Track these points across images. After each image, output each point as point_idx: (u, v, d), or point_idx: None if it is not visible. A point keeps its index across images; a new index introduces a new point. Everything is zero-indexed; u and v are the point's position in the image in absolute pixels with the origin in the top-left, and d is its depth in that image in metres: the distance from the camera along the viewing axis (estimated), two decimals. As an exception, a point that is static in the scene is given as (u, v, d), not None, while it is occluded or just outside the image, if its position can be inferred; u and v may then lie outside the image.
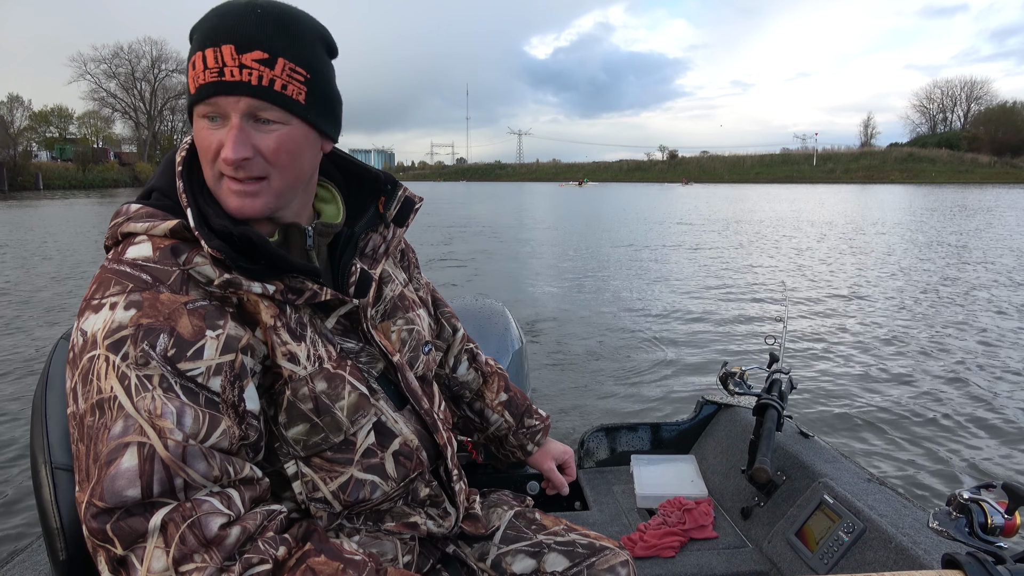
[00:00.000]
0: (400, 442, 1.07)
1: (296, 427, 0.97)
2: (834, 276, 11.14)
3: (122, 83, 78.20)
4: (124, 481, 0.79)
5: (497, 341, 2.25)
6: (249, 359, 0.92)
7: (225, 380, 0.87)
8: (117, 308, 0.85)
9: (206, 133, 0.91)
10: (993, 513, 1.16)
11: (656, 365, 5.87)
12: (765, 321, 7.56)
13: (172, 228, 0.91)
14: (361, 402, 1.01)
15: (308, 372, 0.96)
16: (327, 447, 0.99)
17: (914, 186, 76.60)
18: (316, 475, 1.00)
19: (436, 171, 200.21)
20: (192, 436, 0.83)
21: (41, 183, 64.39)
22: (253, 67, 0.87)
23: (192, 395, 0.84)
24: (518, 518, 1.29)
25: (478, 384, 1.47)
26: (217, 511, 0.82)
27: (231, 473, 0.86)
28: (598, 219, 27.18)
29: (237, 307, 0.93)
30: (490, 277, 11.19)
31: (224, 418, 0.87)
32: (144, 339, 0.83)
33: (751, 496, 2.01)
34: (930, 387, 5.31)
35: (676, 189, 78.70)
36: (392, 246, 1.15)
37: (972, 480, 3.72)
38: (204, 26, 0.88)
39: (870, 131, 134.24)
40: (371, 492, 1.04)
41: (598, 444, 2.39)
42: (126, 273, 0.88)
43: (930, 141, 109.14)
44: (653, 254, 14.45)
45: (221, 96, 0.87)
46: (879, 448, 4.18)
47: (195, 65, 0.88)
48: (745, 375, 2.16)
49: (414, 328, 1.17)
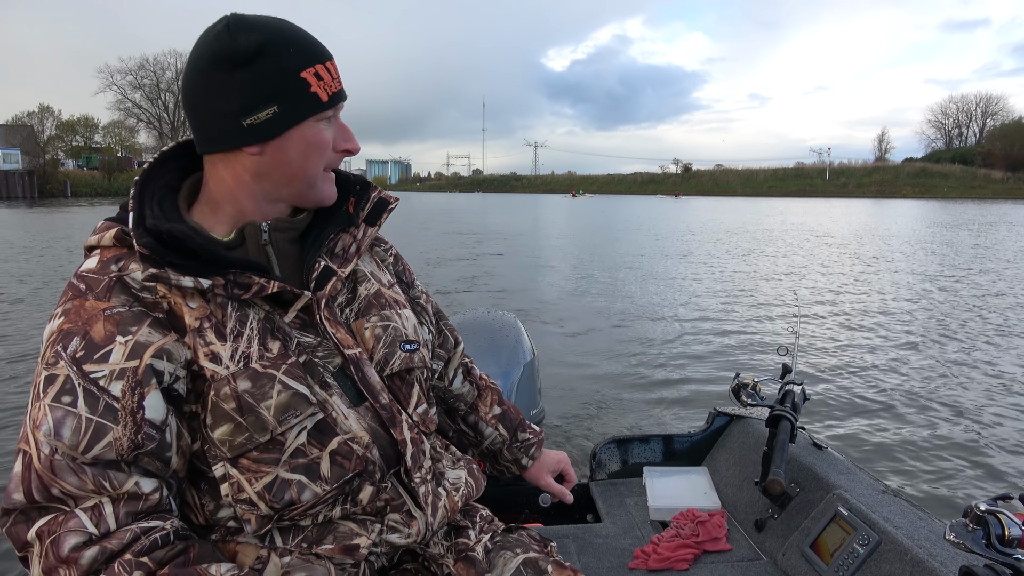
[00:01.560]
0: (341, 440, 1.03)
1: (220, 427, 0.97)
2: (847, 286, 11.09)
3: (147, 94, 79.51)
4: (13, 484, 0.88)
5: (509, 353, 2.23)
6: (165, 363, 0.93)
7: (126, 385, 0.89)
8: (55, 317, 0.93)
9: (324, 132, 1.02)
10: (1011, 525, 1.14)
11: (668, 376, 5.84)
12: (777, 332, 7.50)
13: (114, 235, 0.97)
14: (293, 401, 0.99)
15: (230, 372, 0.97)
16: (252, 447, 0.98)
17: (925, 201, 76.02)
18: (242, 476, 0.98)
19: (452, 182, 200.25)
20: (70, 448, 0.86)
21: (69, 190, 66.81)
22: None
23: (91, 399, 0.87)
24: (526, 566, 1.21)
25: (472, 397, 1.47)
26: (78, 529, 0.86)
27: (108, 488, 0.88)
28: (598, 230, 27.28)
29: (167, 313, 0.95)
30: (501, 286, 11.20)
31: (115, 428, 0.88)
32: (59, 342, 0.89)
33: (765, 508, 1.98)
34: (945, 398, 5.24)
35: (668, 201, 79.61)
36: (363, 245, 1.16)
37: (989, 492, 3.65)
38: (294, 45, 0.98)
39: (884, 146, 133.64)
40: (298, 493, 1.00)
41: (610, 456, 2.36)
42: (72, 284, 0.95)
43: (944, 156, 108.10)
44: (661, 265, 14.45)
45: (343, 100, 1.04)
46: (894, 459, 4.13)
47: (319, 76, 0.99)
48: (757, 386, 2.13)
49: (390, 325, 1.16)
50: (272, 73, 0.96)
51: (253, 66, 0.95)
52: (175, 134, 79.06)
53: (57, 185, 67.03)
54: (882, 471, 3.94)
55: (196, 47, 0.98)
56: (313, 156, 1.03)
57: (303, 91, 0.98)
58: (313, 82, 0.98)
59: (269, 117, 0.97)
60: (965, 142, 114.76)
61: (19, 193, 62.40)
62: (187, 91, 1.00)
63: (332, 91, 1.01)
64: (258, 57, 0.95)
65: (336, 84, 1.02)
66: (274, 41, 0.96)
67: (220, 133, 0.99)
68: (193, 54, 0.98)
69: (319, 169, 1.05)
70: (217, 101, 0.97)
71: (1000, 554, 1.13)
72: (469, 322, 2.43)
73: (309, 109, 0.99)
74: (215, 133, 0.99)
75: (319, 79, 0.99)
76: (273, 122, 0.97)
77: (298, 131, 0.99)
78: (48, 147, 73.42)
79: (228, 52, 0.94)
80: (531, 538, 1.31)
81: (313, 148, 1.02)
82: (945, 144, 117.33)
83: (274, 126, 0.98)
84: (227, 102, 0.96)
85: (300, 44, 0.99)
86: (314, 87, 0.99)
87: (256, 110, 0.96)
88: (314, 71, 0.99)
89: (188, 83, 0.99)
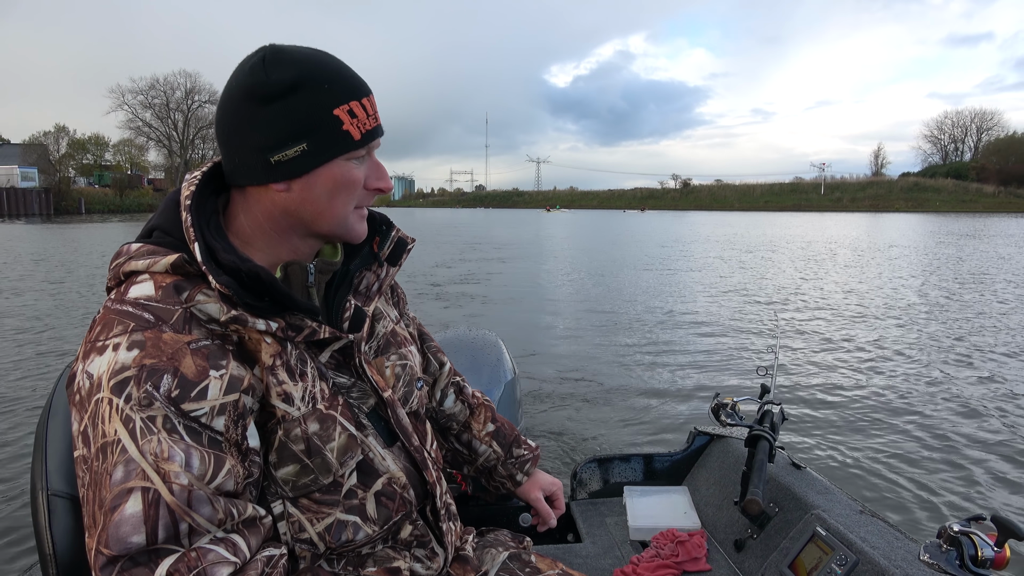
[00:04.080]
0: (384, 481, 1.04)
1: (286, 467, 0.94)
2: (826, 306, 10.98)
3: (157, 113, 79.63)
4: (128, 527, 0.77)
5: (490, 372, 2.21)
6: (249, 398, 0.90)
7: (229, 419, 0.86)
8: (120, 349, 0.84)
9: (355, 171, 0.98)
10: (983, 546, 1.15)
11: (648, 395, 5.77)
12: (757, 352, 7.42)
13: (173, 263, 0.89)
14: (350, 443, 0.99)
15: (301, 413, 0.95)
16: (316, 488, 0.97)
17: (917, 215, 76.28)
18: (303, 516, 0.97)
19: (455, 198, 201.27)
20: (199, 478, 0.81)
21: (83, 207, 68.29)
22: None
23: (196, 435, 0.82)
24: (512, 560, 1.25)
25: (465, 416, 1.45)
26: (223, 560, 0.80)
27: (235, 515, 0.84)
28: (573, 243, 27.50)
29: (237, 345, 0.91)
30: (481, 306, 11.07)
31: (228, 457, 0.85)
32: (148, 380, 0.82)
33: (744, 528, 1.95)
34: (921, 419, 5.19)
35: (637, 216, 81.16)
36: (385, 284, 1.14)
37: (962, 513, 3.62)
38: (329, 81, 0.93)
39: (880, 160, 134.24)
40: (354, 533, 1.01)
41: (591, 475, 2.32)
42: (128, 312, 0.87)
43: (939, 171, 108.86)
44: (644, 281, 14.34)
45: (378, 137, 0.99)
46: (872, 479, 4.09)
47: (353, 114, 0.94)
48: (737, 406, 2.10)
49: (407, 363, 1.15)
50: (303, 110, 0.92)
51: (284, 102, 0.91)
52: (184, 152, 79.60)
53: (72, 202, 68.13)
54: (860, 491, 3.90)
55: (232, 78, 0.95)
56: (341, 195, 0.98)
57: (334, 129, 0.94)
58: (346, 119, 0.94)
59: (297, 155, 0.93)
60: (961, 157, 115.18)
61: (36, 210, 64.05)
62: (219, 121, 0.96)
63: (366, 129, 0.97)
64: (290, 93, 0.91)
65: (371, 121, 0.97)
66: (308, 77, 0.92)
67: (248, 168, 0.95)
68: (228, 84, 0.95)
69: (349, 208, 1.00)
70: (246, 135, 0.93)
71: (973, 575, 1.13)
72: (451, 340, 2.40)
73: (339, 148, 0.95)
74: (243, 167, 0.95)
75: (352, 116, 0.95)
76: (301, 160, 0.93)
77: (327, 170, 0.95)
78: (60, 165, 74.34)
79: (261, 86, 0.91)
80: (506, 537, 1.34)
81: (341, 187, 0.97)
82: (941, 159, 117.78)
83: (302, 164, 0.93)
84: (256, 137, 0.92)
85: (336, 80, 0.94)
86: (346, 125, 0.94)
87: (284, 147, 0.92)
88: (348, 108, 0.94)
89: (221, 113, 0.96)
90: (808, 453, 4.45)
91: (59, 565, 0.97)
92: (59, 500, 1.00)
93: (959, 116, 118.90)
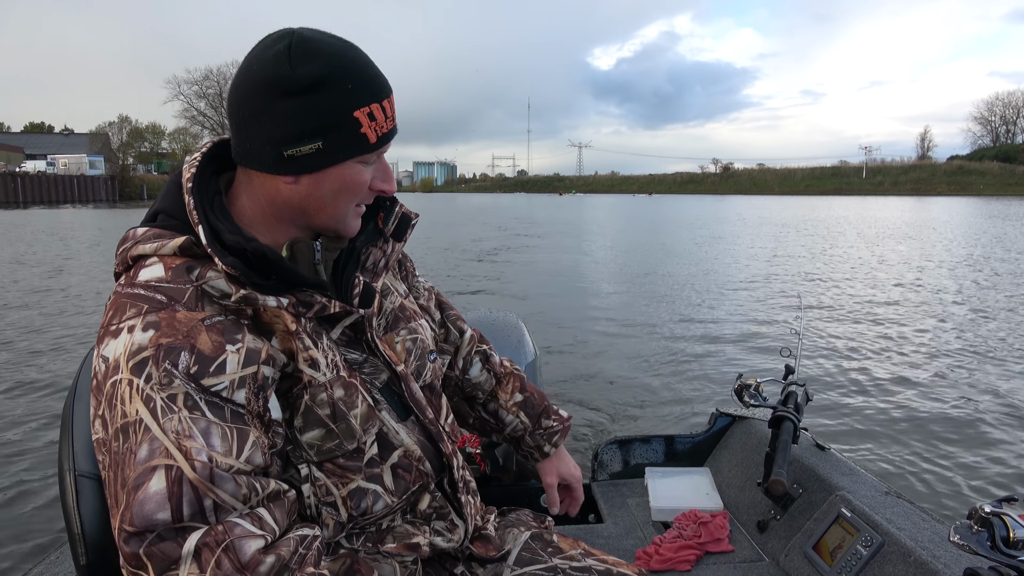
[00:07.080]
0: (400, 454, 1.02)
1: (311, 432, 0.93)
2: (852, 286, 10.70)
3: (211, 102, 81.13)
4: (153, 504, 0.76)
5: (511, 353, 2.18)
6: (269, 369, 0.88)
7: (249, 392, 0.84)
8: (135, 331, 0.82)
9: (364, 173, 0.96)
10: (1016, 527, 1.11)
11: (670, 377, 5.67)
12: (781, 333, 7.23)
13: (181, 245, 0.88)
14: (370, 413, 0.98)
15: (328, 378, 0.93)
16: (340, 454, 0.95)
17: (959, 198, 73.75)
18: (329, 480, 0.96)
19: (496, 183, 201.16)
20: (223, 455, 0.80)
21: (146, 193, 72.81)
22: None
23: (218, 410, 0.81)
24: (535, 539, 1.22)
25: (491, 385, 1.40)
26: (251, 533, 0.79)
27: (259, 490, 0.83)
28: (593, 228, 27.12)
29: (252, 319, 0.90)
30: (504, 286, 11.02)
31: (252, 429, 0.84)
32: (166, 358, 0.80)
33: (767, 509, 1.91)
34: (948, 398, 5.01)
35: (641, 199, 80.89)
36: (391, 260, 1.12)
37: (993, 494, 3.49)
38: (353, 80, 0.90)
39: (927, 143, 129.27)
40: (373, 502, 0.99)
41: (612, 457, 2.30)
42: (140, 295, 0.86)
43: (988, 154, 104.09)
44: (665, 265, 14.11)
45: (392, 138, 0.96)
46: (897, 461, 3.96)
47: (372, 117, 0.91)
48: (760, 387, 2.06)
49: (418, 337, 1.12)
50: (324, 109, 0.89)
51: (306, 98, 0.88)
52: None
53: (135, 189, 73.13)
54: (886, 473, 3.78)
55: (253, 60, 0.90)
56: (346, 195, 0.96)
57: (352, 131, 0.91)
58: (365, 122, 0.91)
59: (311, 152, 0.90)
60: (1012, 139, 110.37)
61: (103, 196, 69.60)
62: (234, 102, 0.93)
63: (382, 132, 0.94)
64: (313, 90, 0.88)
65: (388, 124, 0.94)
66: (333, 75, 0.88)
67: (259, 156, 0.92)
68: (248, 67, 0.91)
69: (350, 207, 0.98)
70: (262, 125, 0.89)
71: (1005, 556, 1.10)
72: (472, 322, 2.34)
73: (354, 150, 0.93)
74: (254, 154, 0.93)
75: (372, 119, 0.92)
76: (314, 158, 0.91)
77: (337, 170, 0.93)
78: (120, 153, 77.49)
79: (284, 79, 0.87)
80: (528, 517, 1.31)
81: (347, 188, 0.95)
82: (992, 141, 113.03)
83: (314, 162, 0.91)
84: (271, 128, 0.89)
85: (360, 79, 0.91)
86: (364, 127, 0.92)
87: (299, 143, 0.89)
88: (368, 111, 0.91)
89: (237, 94, 0.92)
90: (833, 434, 4.33)
91: (87, 544, 0.98)
92: (86, 481, 1.01)
93: (1010, 97, 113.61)
